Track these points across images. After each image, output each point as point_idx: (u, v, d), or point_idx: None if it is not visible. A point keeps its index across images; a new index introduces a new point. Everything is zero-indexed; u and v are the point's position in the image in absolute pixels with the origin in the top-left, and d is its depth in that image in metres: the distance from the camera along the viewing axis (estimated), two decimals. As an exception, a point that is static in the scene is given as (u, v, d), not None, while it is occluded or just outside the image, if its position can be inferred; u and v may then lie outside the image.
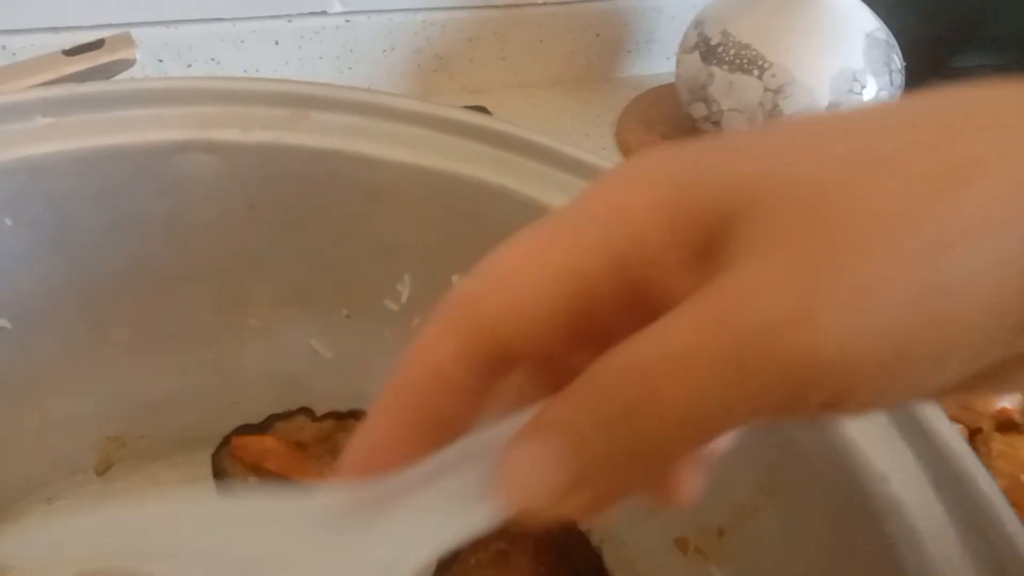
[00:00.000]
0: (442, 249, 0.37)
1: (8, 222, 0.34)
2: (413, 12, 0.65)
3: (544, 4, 0.69)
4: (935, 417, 0.25)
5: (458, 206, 0.36)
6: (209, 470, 0.39)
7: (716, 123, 0.60)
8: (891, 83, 0.59)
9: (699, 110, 0.61)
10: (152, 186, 0.36)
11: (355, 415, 0.40)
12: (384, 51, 0.66)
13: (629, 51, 0.74)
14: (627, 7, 0.72)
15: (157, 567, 0.16)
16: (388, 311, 0.39)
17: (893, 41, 0.60)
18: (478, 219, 0.36)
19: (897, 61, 0.60)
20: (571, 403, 0.15)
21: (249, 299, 0.39)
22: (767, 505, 0.28)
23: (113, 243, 0.36)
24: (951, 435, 0.24)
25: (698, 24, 0.62)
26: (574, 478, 0.14)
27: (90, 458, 0.39)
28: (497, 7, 0.67)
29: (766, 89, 0.57)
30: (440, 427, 0.16)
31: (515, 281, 0.16)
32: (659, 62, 0.75)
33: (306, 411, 0.40)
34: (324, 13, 0.62)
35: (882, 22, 0.60)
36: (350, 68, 0.65)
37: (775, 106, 0.57)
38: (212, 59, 0.61)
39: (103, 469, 0.39)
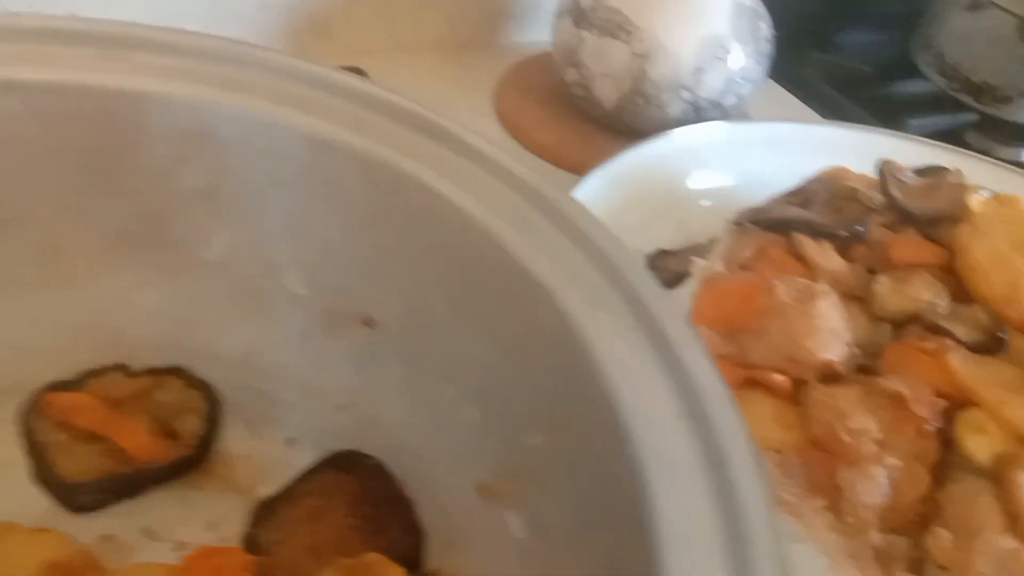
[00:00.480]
0: (263, 196, 0.36)
1: None
2: (284, -34, 0.63)
3: (427, -35, 0.68)
4: (697, 358, 0.25)
5: (279, 152, 0.35)
6: (16, 426, 0.37)
7: (587, 87, 0.60)
8: (757, 51, 0.60)
9: (571, 75, 0.61)
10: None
11: (175, 372, 0.39)
12: (255, 9, 0.64)
13: (513, 18, 0.74)
14: (510, -27, 0.72)
15: None
16: (206, 262, 0.37)
17: (762, 9, 0.61)
18: (300, 166, 0.35)
19: (765, 29, 0.61)
20: None
21: (61, 248, 0.37)
22: (553, 445, 0.28)
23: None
24: (708, 373, 0.24)
25: None
26: None
27: None
28: (375, -34, 0.66)
29: (633, 54, 0.57)
30: None
31: None
32: (543, 29, 0.73)
33: (121, 367, 0.39)
34: None
35: None
36: (218, 26, 0.63)
37: (642, 71, 0.57)
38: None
39: (-102, 426, 0.37)
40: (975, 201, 0.48)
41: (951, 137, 0.77)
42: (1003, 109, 0.75)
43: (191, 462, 0.37)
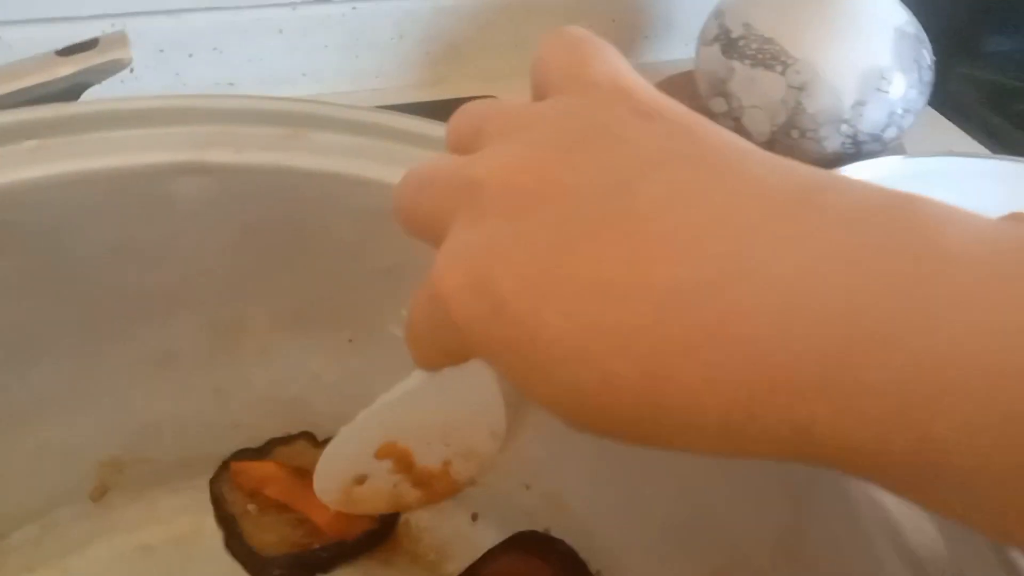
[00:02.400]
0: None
1: (-2, 247, 0.33)
2: (423, 0, 0.63)
3: (558, -10, 0.66)
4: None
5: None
6: (207, 494, 0.38)
7: (736, 119, 0.58)
8: (920, 80, 0.57)
9: (719, 105, 0.59)
10: (144, 209, 0.35)
11: (357, 442, 0.39)
12: (392, 39, 0.64)
13: (646, 36, 0.72)
14: (643, -8, 0.70)
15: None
16: (392, 336, 0.37)
17: (923, 36, 0.58)
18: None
19: (927, 57, 0.58)
20: None
21: (247, 322, 0.38)
22: (785, 568, 0.27)
23: (106, 268, 0.35)
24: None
25: (718, 15, 0.59)
26: None
27: (86, 484, 0.38)
28: (509, -8, 0.65)
29: (789, 86, 0.55)
30: None
31: None
32: (677, 48, 0.72)
33: (307, 436, 0.39)
34: (329, 1, 0.60)
35: (911, 14, 0.57)
36: (357, 57, 0.63)
37: (798, 104, 0.55)
38: (214, 49, 0.59)
39: (99, 495, 0.38)
40: None
41: None
42: None
43: (378, 536, 0.37)
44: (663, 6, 0.71)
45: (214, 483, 0.38)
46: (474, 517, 0.38)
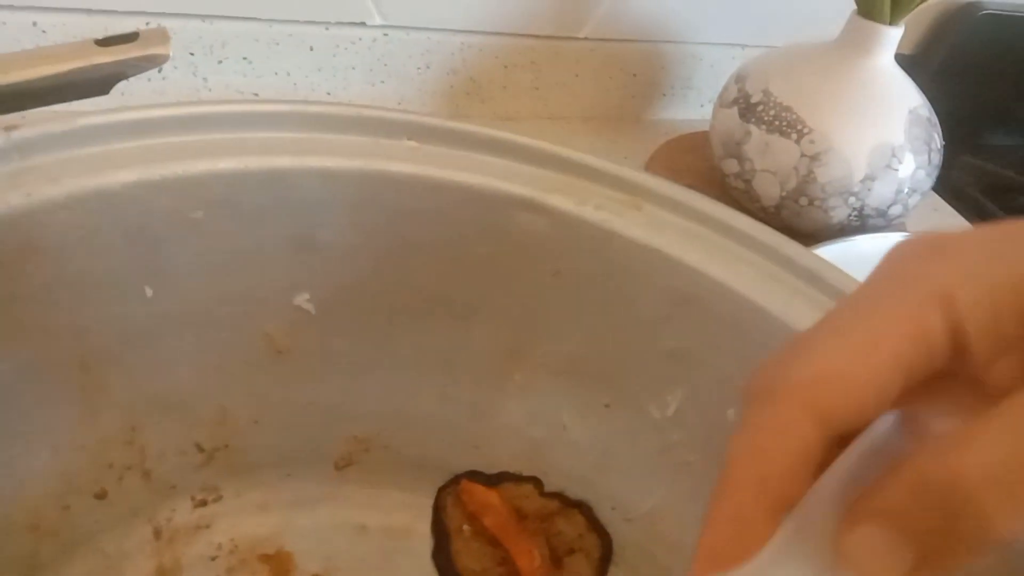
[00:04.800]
0: (726, 375, 0.36)
1: (348, 221, 0.36)
2: (452, 33, 0.64)
3: (584, 39, 0.67)
4: None
5: (761, 338, 0.35)
6: (430, 500, 0.40)
7: (747, 181, 0.58)
8: (929, 162, 0.57)
9: (731, 166, 0.59)
10: (483, 230, 0.37)
11: (582, 507, 0.40)
12: (418, 68, 0.65)
13: (664, 95, 0.73)
14: (667, 51, 0.70)
15: None
16: (649, 416, 0.38)
17: (935, 120, 0.58)
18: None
19: (937, 140, 0.58)
20: (902, 500, 0.16)
21: (525, 354, 0.40)
22: None
23: (429, 266, 0.38)
24: None
25: (740, 79, 0.59)
26: (914, 564, 0.16)
27: (333, 450, 0.41)
28: (536, 37, 0.66)
29: (802, 155, 0.55)
30: (788, 508, 0.18)
31: (853, 378, 0.18)
32: (693, 109, 0.73)
33: (536, 481, 0.40)
34: (363, 24, 0.61)
35: (926, 99, 0.58)
36: (382, 82, 0.64)
37: (810, 172, 0.55)
38: (244, 58, 0.60)
39: (342, 465, 0.40)
40: None
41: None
42: None
43: (571, 606, 0.37)
44: (684, 67, 0.71)
45: (442, 493, 0.40)
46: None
